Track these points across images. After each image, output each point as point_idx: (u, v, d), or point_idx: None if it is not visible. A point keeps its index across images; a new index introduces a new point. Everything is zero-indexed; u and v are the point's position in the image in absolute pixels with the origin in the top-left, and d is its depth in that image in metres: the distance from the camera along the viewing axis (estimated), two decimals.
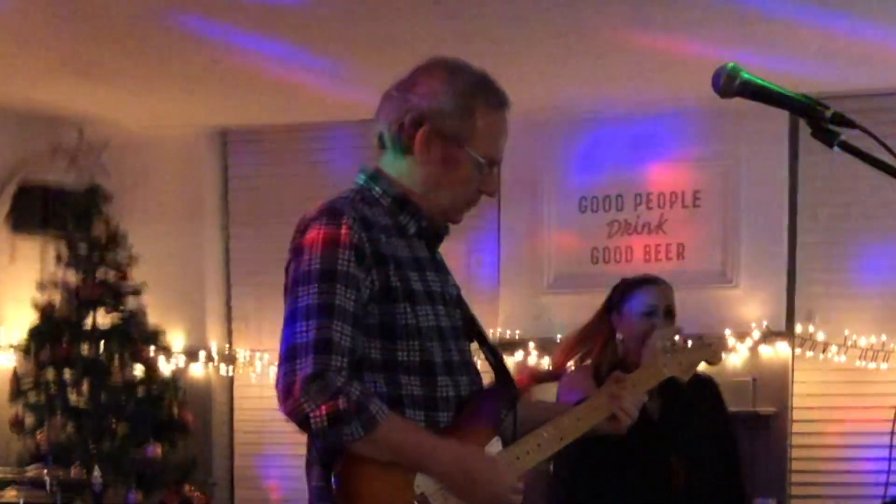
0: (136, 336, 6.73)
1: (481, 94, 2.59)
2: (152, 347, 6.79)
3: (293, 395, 2.35)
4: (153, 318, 6.85)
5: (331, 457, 2.42)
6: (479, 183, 2.60)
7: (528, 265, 7.10)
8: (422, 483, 2.44)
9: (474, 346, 2.71)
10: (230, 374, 7.43)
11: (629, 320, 3.77)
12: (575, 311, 6.87)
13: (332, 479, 2.41)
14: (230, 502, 7.34)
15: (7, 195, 7.17)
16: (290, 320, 2.42)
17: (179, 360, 7.23)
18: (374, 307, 2.47)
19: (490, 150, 2.59)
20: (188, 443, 6.80)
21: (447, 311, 2.61)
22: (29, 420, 6.60)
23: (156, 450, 6.51)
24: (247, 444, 7.42)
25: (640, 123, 6.93)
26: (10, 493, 5.33)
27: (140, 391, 6.67)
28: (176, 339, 7.23)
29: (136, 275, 6.86)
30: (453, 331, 2.61)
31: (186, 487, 6.53)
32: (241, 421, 7.46)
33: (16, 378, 6.64)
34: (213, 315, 7.45)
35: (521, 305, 7.09)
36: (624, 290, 3.84)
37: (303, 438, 7.89)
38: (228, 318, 7.52)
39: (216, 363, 7.35)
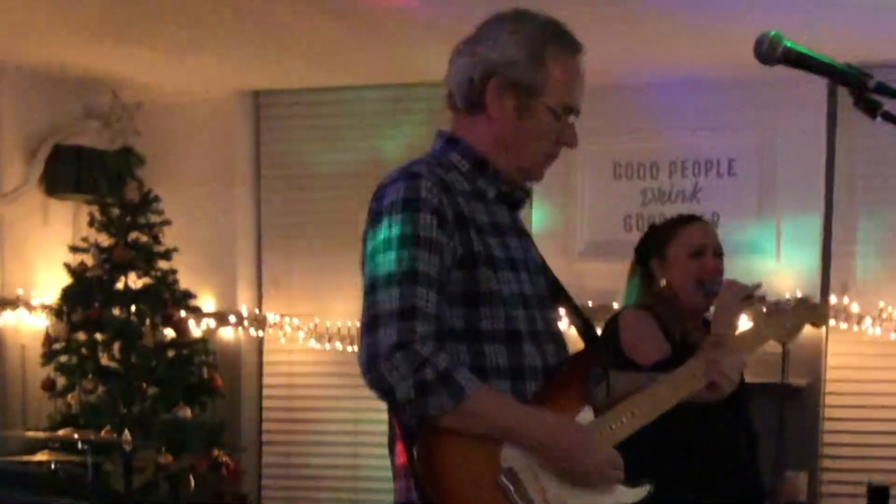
0: (167, 299, 6.72)
1: (551, 40, 2.51)
2: (183, 311, 6.78)
3: (377, 366, 2.28)
4: (184, 281, 6.85)
5: (413, 432, 2.34)
6: (556, 134, 2.52)
7: (560, 232, 7.05)
8: (509, 457, 2.37)
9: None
10: (260, 336, 7.42)
11: (676, 263, 3.58)
12: (607, 278, 6.90)
13: (415, 455, 2.33)
14: (258, 467, 7.35)
15: (41, 158, 7.17)
16: (372, 289, 2.35)
17: (209, 323, 7.23)
18: (456, 273, 2.40)
19: (566, 97, 2.51)
20: (217, 406, 6.82)
21: (530, 277, 2.52)
22: (60, 382, 6.63)
23: (185, 413, 6.53)
24: (275, 409, 7.43)
25: (676, 90, 6.86)
26: (42, 455, 5.34)
27: (170, 354, 6.67)
28: (206, 302, 7.23)
29: (168, 238, 6.86)
30: (537, 298, 2.53)
31: (215, 451, 6.53)
32: (270, 385, 7.45)
33: (48, 340, 6.66)
34: (243, 278, 7.44)
35: (552, 271, 7.04)
36: (665, 231, 3.63)
37: (334, 404, 7.93)
38: (259, 282, 7.51)
39: (246, 327, 7.34)
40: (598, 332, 2.79)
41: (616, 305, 6.67)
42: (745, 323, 3.35)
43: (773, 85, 6.50)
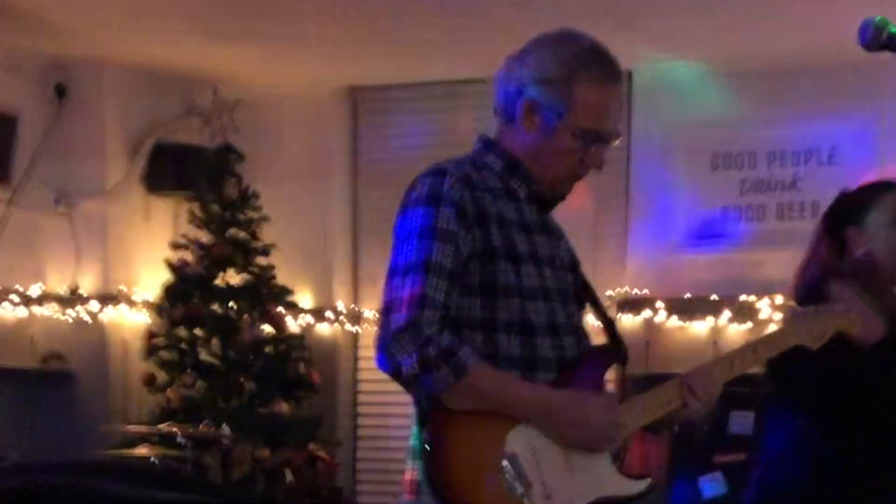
0: (264, 295, 6.78)
1: (585, 65, 2.61)
2: (280, 306, 6.84)
3: (386, 347, 2.44)
4: (281, 277, 6.90)
5: (424, 416, 2.50)
6: (581, 155, 2.62)
7: (658, 224, 6.98)
8: (513, 442, 2.46)
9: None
10: (356, 332, 7.45)
11: (878, 231, 3.32)
12: (705, 270, 6.82)
13: (425, 436, 2.46)
14: (353, 461, 7.40)
15: (142, 155, 7.28)
16: (389, 277, 2.51)
17: (307, 319, 7.28)
18: (475, 265, 2.52)
19: (593, 123, 2.60)
20: (313, 401, 6.87)
21: (555, 273, 2.63)
22: (161, 377, 6.73)
23: (282, 407, 6.58)
24: (370, 404, 7.46)
25: (774, 79, 6.75)
26: (143, 449, 5.42)
27: (268, 349, 6.73)
28: (303, 297, 7.27)
29: (266, 234, 6.91)
30: (560, 293, 2.64)
31: (311, 445, 6.58)
32: (365, 380, 7.49)
33: (149, 335, 6.77)
34: (340, 274, 7.48)
35: (649, 263, 6.98)
36: (863, 197, 3.39)
37: None
38: (355, 277, 7.55)
39: (342, 322, 7.37)
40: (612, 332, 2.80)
41: (715, 297, 6.66)
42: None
43: (875, 71, 6.36)
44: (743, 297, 6.66)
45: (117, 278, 7.11)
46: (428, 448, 2.44)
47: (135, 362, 6.93)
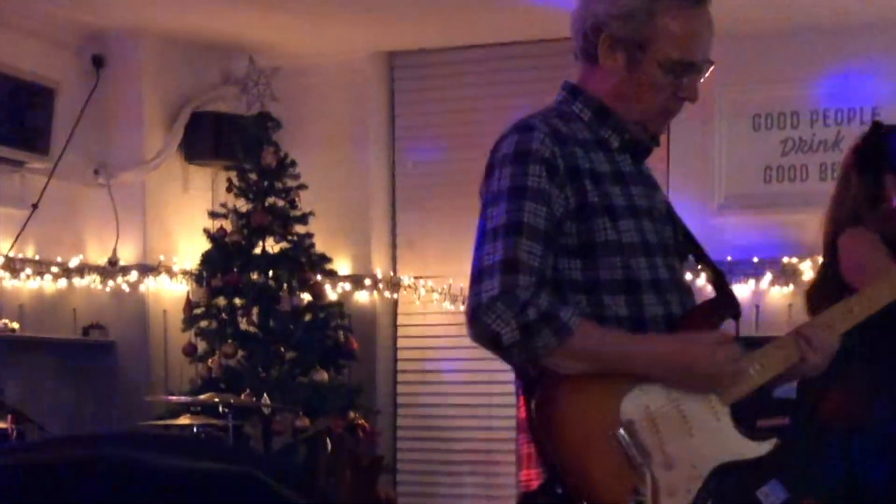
0: (303, 263, 6.77)
1: None
2: (319, 274, 6.82)
3: (480, 317, 2.30)
4: (320, 245, 6.89)
5: (531, 385, 2.36)
6: (673, 88, 2.48)
7: (698, 185, 6.90)
8: (629, 410, 2.35)
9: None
10: (395, 299, 7.44)
11: None
12: (746, 232, 6.75)
13: (532, 406, 2.33)
14: (393, 429, 7.40)
15: (180, 125, 7.29)
16: (480, 242, 2.38)
17: (345, 287, 7.27)
18: (571, 225, 2.40)
19: (682, 51, 2.46)
20: (353, 369, 6.86)
21: (654, 226, 2.50)
22: (201, 347, 6.76)
23: (322, 376, 6.58)
24: (409, 371, 7.46)
25: (816, 38, 6.64)
26: (184, 419, 5.44)
27: (307, 318, 6.72)
28: (342, 265, 7.26)
29: (304, 201, 6.89)
30: (661, 247, 2.50)
31: (351, 414, 6.57)
32: (405, 348, 7.49)
33: (189, 305, 6.78)
34: (378, 241, 7.46)
35: (690, 226, 6.90)
36: None
37: (468, 366, 7.88)
38: (393, 244, 7.54)
39: (381, 289, 7.36)
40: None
41: (756, 259, 6.60)
42: None
43: None
44: (785, 260, 6.60)
45: (157, 248, 7.13)
46: (536, 419, 2.32)
47: (175, 332, 6.95)
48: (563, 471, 2.31)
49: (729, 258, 6.58)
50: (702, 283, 2.70)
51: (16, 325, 6.45)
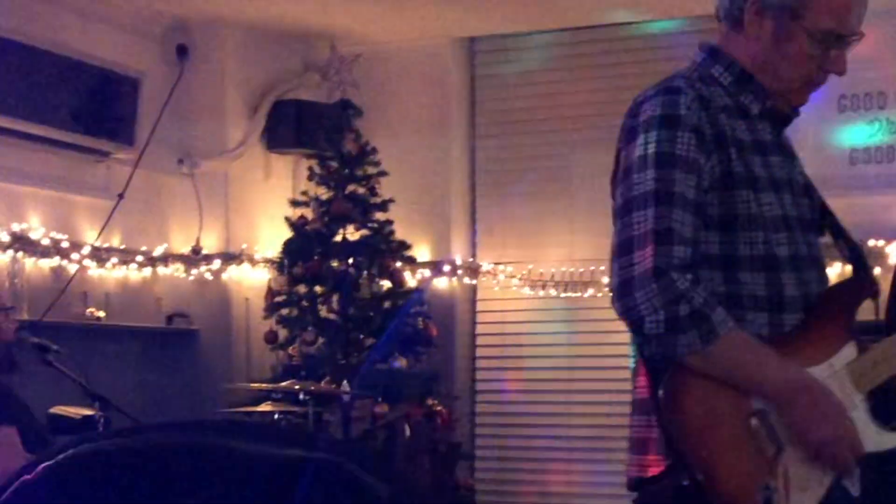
0: (383, 250, 6.79)
1: None
2: (398, 261, 6.84)
3: (630, 292, 2.22)
4: (400, 232, 6.91)
5: (658, 366, 2.27)
6: (820, 60, 2.39)
7: None
8: (761, 399, 2.26)
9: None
10: (473, 284, 7.44)
11: None
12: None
13: (660, 391, 2.25)
14: (471, 415, 7.39)
15: (262, 113, 7.34)
16: (625, 210, 2.29)
17: (424, 273, 7.28)
18: (713, 195, 2.30)
19: (834, 23, 2.37)
20: (432, 356, 6.87)
21: (794, 199, 2.41)
22: (282, 334, 6.81)
23: (401, 362, 6.60)
24: (488, 357, 7.45)
25: None
26: (266, 406, 5.48)
27: (386, 305, 6.75)
28: (421, 251, 7.27)
29: (384, 188, 6.92)
30: (801, 221, 2.41)
31: (429, 400, 6.60)
32: (483, 334, 7.48)
33: (270, 293, 6.83)
34: (457, 227, 7.46)
35: None
36: None
37: (547, 351, 7.83)
38: (473, 230, 7.53)
39: (460, 275, 7.36)
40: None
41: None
42: None
43: None
44: (872, 243, 6.50)
45: (239, 237, 7.20)
46: (664, 406, 2.24)
47: (257, 320, 7.02)
48: (690, 460, 2.22)
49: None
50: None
51: (102, 314, 6.54)
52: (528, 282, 7.25)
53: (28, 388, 4.52)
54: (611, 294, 2.28)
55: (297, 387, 5.44)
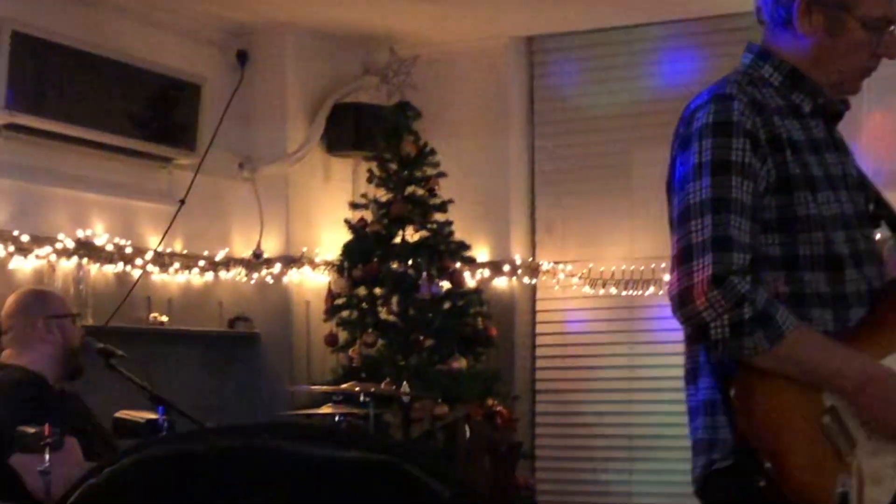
0: (442, 251, 6.80)
1: None
2: (458, 262, 6.84)
3: (692, 300, 2.24)
4: (459, 232, 6.91)
5: (726, 368, 2.29)
6: (874, 46, 2.41)
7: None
8: (833, 396, 2.28)
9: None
10: (533, 284, 7.42)
11: None
12: None
13: (732, 392, 2.27)
14: (531, 415, 7.38)
15: (322, 117, 7.38)
16: (683, 219, 2.31)
17: (484, 273, 7.28)
18: (770, 199, 2.33)
19: (883, 8, 2.39)
20: (491, 356, 6.87)
21: (850, 195, 2.42)
22: (342, 336, 6.83)
23: (460, 363, 6.60)
24: (548, 357, 7.43)
25: None
26: (326, 408, 5.50)
27: (446, 306, 6.75)
28: (480, 252, 7.28)
29: (443, 189, 6.93)
30: (857, 217, 2.43)
31: (489, 400, 6.59)
32: (543, 333, 7.46)
33: (330, 296, 6.86)
34: (517, 227, 7.45)
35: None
36: None
37: (608, 350, 7.80)
38: (532, 229, 7.52)
39: (520, 275, 7.35)
40: None
41: None
42: None
43: None
44: None
45: (299, 240, 7.23)
46: (736, 404, 2.26)
47: (317, 323, 7.05)
48: (762, 459, 2.24)
49: None
50: None
51: (164, 319, 6.59)
52: (588, 280, 7.23)
53: (93, 393, 4.58)
54: (671, 304, 2.29)
55: (357, 388, 5.45)
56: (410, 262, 6.76)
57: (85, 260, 6.19)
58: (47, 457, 3.67)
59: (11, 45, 5.61)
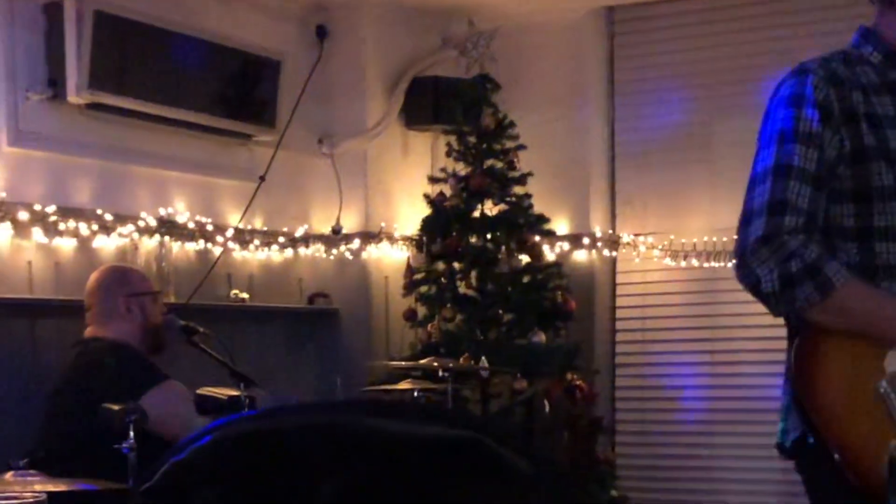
0: (521, 224, 6.75)
1: None
2: (537, 235, 6.79)
3: (745, 260, 2.32)
4: (538, 206, 6.86)
5: (792, 334, 2.36)
6: None
7: None
8: (893, 361, 2.30)
9: None
10: (613, 257, 7.38)
11: None
12: None
13: (791, 356, 2.32)
14: (611, 390, 7.35)
15: (401, 91, 7.37)
16: (750, 186, 2.41)
17: (563, 247, 7.25)
18: (845, 170, 2.37)
19: None
20: (571, 330, 6.82)
21: None
22: (421, 312, 6.83)
23: (540, 337, 6.56)
24: (628, 330, 7.38)
25: None
26: (405, 384, 5.51)
27: (525, 279, 6.70)
28: (560, 225, 7.24)
29: (522, 162, 6.87)
30: None
31: (569, 375, 6.55)
32: (623, 307, 7.41)
33: (409, 271, 6.86)
34: (596, 199, 7.40)
35: None
36: None
37: (689, 323, 7.71)
38: (612, 201, 7.47)
39: (599, 248, 7.31)
40: None
41: None
42: None
43: None
44: None
45: (378, 215, 7.24)
46: (795, 368, 2.31)
47: (396, 298, 7.06)
48: (818, 423, 2.27)
49: None
50: None
51: (245, 295, 6.64)
52: (669, 253, 7.17)
53: (176, 370, 4.63)
54: (734, 267, 2.37)
55: (436, 364, 5.45)
56: (489, 236, 6.73)
57: (167, 238, 6.24)
58: (132, 433, 3.72)
59: (94, 25, 5.66)
